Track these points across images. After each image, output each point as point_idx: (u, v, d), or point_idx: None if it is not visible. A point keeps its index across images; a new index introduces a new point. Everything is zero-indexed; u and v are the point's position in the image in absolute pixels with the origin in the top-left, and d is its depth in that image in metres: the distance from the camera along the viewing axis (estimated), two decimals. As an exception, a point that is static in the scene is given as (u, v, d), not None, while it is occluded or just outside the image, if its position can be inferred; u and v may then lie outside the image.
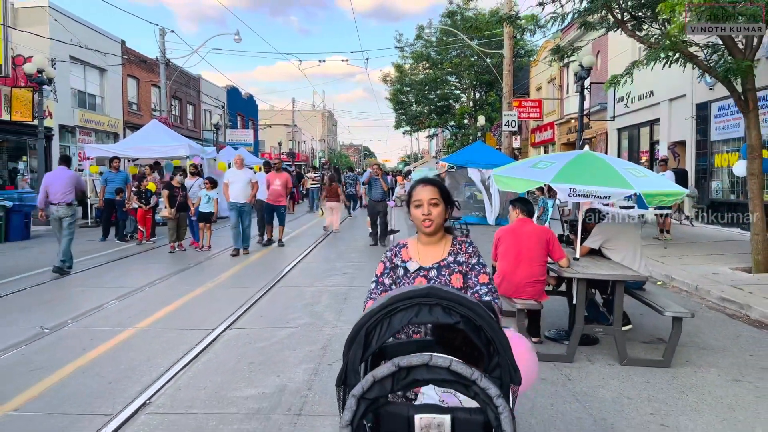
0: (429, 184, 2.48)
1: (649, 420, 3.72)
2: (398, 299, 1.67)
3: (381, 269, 2.51)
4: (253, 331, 5.63)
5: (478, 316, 1.65)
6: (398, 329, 1.67)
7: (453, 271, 2.41)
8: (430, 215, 2.41)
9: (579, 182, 4.97)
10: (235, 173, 10.94)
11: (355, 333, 1.68)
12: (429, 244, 2.49)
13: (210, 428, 3.49)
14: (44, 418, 3.63)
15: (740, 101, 8.49)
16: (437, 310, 1.65)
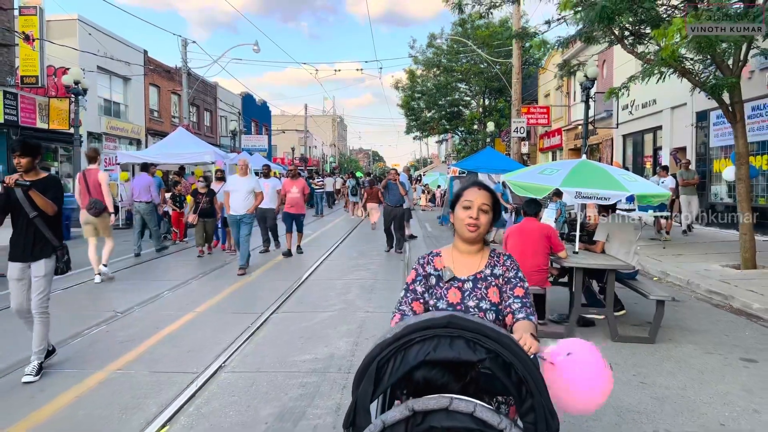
0: (484, 189, 2.32)
1: (632, 379, 4.58)
2: (414, 329, 1.53)
3: (413, 276, 2.34)
4: (297, 315, 6.56)
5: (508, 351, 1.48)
6: (413, 365, 1.50)
7: (490, 284, 2.24)
8: (478, 220, 2.24)
9: (584, 186, 5.87)
10: (237, 181, 9.59)
11: (365, 367, 1.53)
12: (466, 253, 2.32)
13: (279, 381, 4.40)
14: (146, 375, 4.55)
15: (728, 113, 9.33)
16: (459, 343, 1.50)
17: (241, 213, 9.39)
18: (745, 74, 13.47)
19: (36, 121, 19.58)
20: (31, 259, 4.53)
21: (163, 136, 28.88)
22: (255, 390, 4.24)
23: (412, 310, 2.24)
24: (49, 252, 4.58)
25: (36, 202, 4.43)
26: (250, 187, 9.51)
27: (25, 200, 4.43)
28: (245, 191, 9.41)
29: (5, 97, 18.16)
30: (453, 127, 40.28)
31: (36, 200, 4.43)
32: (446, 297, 2.22)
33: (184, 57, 25.86)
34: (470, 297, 2.21)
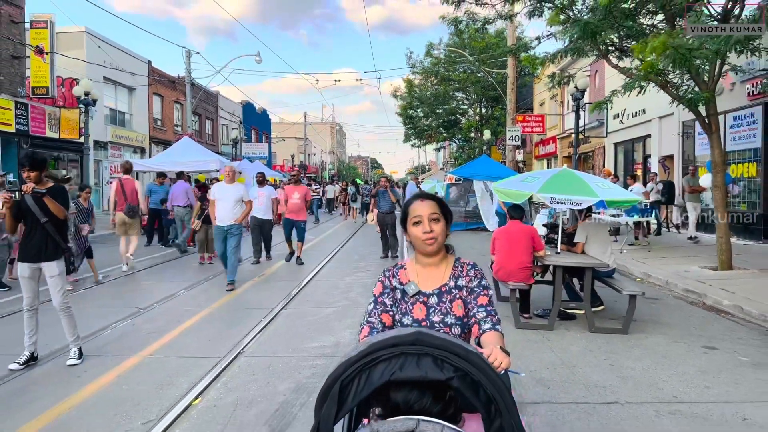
0: (427, 198, 2.29)
1: (602, 363, 5.20)
2: (380, 347, 1.48)
3: (380, 289, 2.31)
4: (304, 310, 7.19)
5: (476, 370, 1.45)
6: (378, 385, 1.46)
7: (454, 297, 2.22)
8: (432, 232, 2.20)
9: (558, 192, 6.51)
10: (223, 189, 8.80)
11: (328, 387, 1.48)
12: (429, 265, 2.30)
13: (292, 363, 5.02)
14: (175, 359, 5.17)
15: (705, 124, 9.98)
16: (426, 361, 1.45)
17: (228, 224, 8.57)
18: (727, 86, 14.18)
19: (45, 130, 20.23)
20: (44, 260, 5.05)
21: (166, 144, 29.57)
22: (272, 370, 4.86)
23: (381, 321, 2.22)
24: (59, 254, 5.14)
25: (49, 208, 5.01)
26: (237, 196, 8.73)
27: (35, 206, 4.98)
28: (233, 200, 8.65)
29: (17, 107, 18.80)
30: (450, 135, 41.02)
31: (50, 206, 5.00)
32: (411, 312, 2.21)
33: (187, 67, 26.53)
34: (435, 312, 2.19)
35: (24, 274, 5.06)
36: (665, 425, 3.85)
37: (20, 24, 19.59)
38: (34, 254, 5.04)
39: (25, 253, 5.08)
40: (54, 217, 5.05)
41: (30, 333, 5.05)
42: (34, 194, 4.97)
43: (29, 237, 5.07)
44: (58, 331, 5.34)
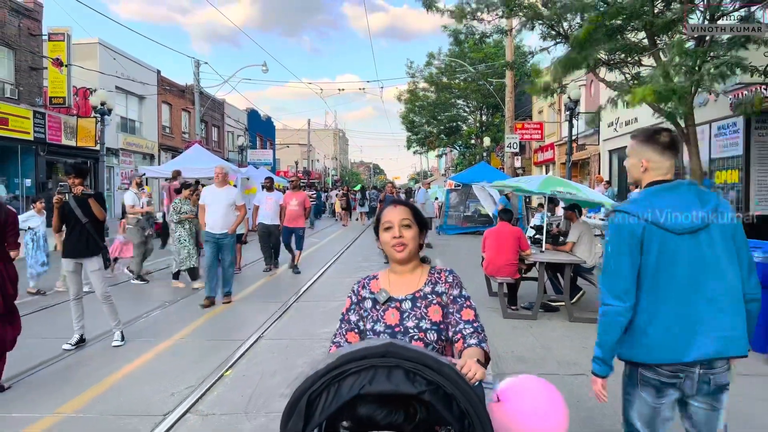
0: (400, 204, 2.26)
1: (576, 346, 5.96)
2: (349, 359, 1.44)
3: (348, 305, 2.26)
4: (314, 303, 7.98)
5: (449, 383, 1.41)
6: (347, 399, 1.42)
7: (431, 302, 2.14)
8: (402, 238, 2.16)
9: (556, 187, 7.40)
10: (214, 193, 7.97)
11: (295, 401, 1.46)
12: (402, 273, 2.22)
13: (306, 344, 5.81)
14: (204, 341, 5.98)
15: (684, 136, 10.75)
16: (398, 374, 1.42)
17: (219, 231, 7.79)
18: (711, 97, 14.93)
19: (62, 138, 21.10)
20: (84, 255, 5.79)
21: (174, 151, 30.45)
22: (289, 350, 5.65)
23: (347, 341, 2.17)
24: (98, 250, 5.92)
25: (93, 209, 5.79)
26: (230, 200, 7.93)
27: (78, 209, 5.75)
28: (225, 204, 7.84)
29: (35, 116, 19.67)
30: (451, 141, 41.85)
31: (93, 207, 5.77)
32: (383, 319, 2.12)
33: (196, 77, 27.41)
34: (409, 317, 2.10)
35: (69, 268, 5.84)
36: (620, 390, 4.61)
37: (38, 37, 20.49)
38: (77, 251, 5.79)
39: (68, 250, 5.83)
40: (94, 219, 5.83)
41: (78, 319, 5.83)
42: (80, 197, 5.75)
43: (71, 236, 5.83)
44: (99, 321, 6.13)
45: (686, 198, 2.30)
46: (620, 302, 2.27)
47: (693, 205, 2.27)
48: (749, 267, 2.34)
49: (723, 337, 2.21)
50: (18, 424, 3.91)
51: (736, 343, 2.23)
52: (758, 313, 2.37)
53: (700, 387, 2.24)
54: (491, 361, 2.19)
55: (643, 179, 2.44)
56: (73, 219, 5.75)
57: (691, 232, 2.25)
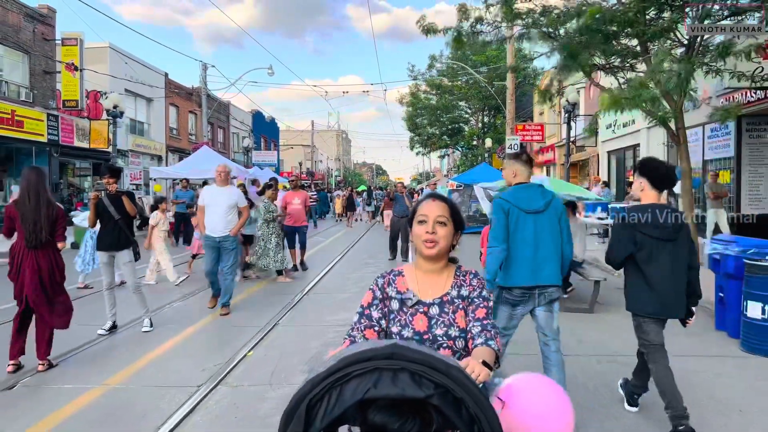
0: (439, 199, 2.18)
1: (566, 332, 6.43)
2: (352, 361, 1.36)
3: (369, 299, 2.16)
4: (325, 295, 8.57)
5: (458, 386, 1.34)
6: (351, 404, 1.33)
7: (458, 307, 2.10)
8: (435, 234, 2.09)
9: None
10: (214, 193, 7.46)
11: (294, 407, 1.36)
12: (430, 272, 2.17)
13: (319, 330, 6.37)
14: (227, 327, 6.56)
15: (674, 137, 11.28)
16: (403, 377, 1.33)
17: (220, 235, 7.21)
18: (704, 100, 15.47)
19: (74, 140, 21.70)
20: (117, 249, 6.34)
21: (181, 152, 31.05)
22: (303, 334, 6.21)
23: (364, 338, 2.08)
24: (129, 244, 6.47)
25: (125, 206, 6.34)
26: (231, 201, 7.33)
27: (111, 206, 6.29)
28: (225, 206, 7.26)
29: (48, 119, 20.27)
30: (454, 142, 42.40)
31: (126, 205, 6.33)
32: (412, 324, 2.07)
33: (203, 80, 28.00)
34: (438, 324, 2.06)
35: (103, 260, 6.40)
36: (601, 368, 5.17)
37: (51, 41, 21.09)
38: (110, 244, 6.34)
39: (102, 244, 6.39)
40: (126, 215, 6.39)
41: (110, 307, 6.38)
42: (114, 195, 6.31)
43: (105, 231, 6.38)
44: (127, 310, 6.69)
45: (534, 193, 3.95)
46: (500, 244, 3.81)
47: (537, 198, 3.91)
48: (567, 238, 3.96)
49: (547, 275, 3.85)
50: (72, 394, 4.46)
51: (553, 278, 3.89)
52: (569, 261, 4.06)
53: (539, 301, 3.98)
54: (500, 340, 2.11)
55: (513, 181, 4.08)
56: (106, 215, 6.30)
57: (534, 212, 3.86)
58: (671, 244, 3.78)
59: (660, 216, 3.76)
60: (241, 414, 4.05)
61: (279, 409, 4.07)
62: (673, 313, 3.97)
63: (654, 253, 3.79)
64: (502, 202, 3.91)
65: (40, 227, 4.99)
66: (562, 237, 3.91)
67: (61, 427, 3.89)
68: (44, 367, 5.02)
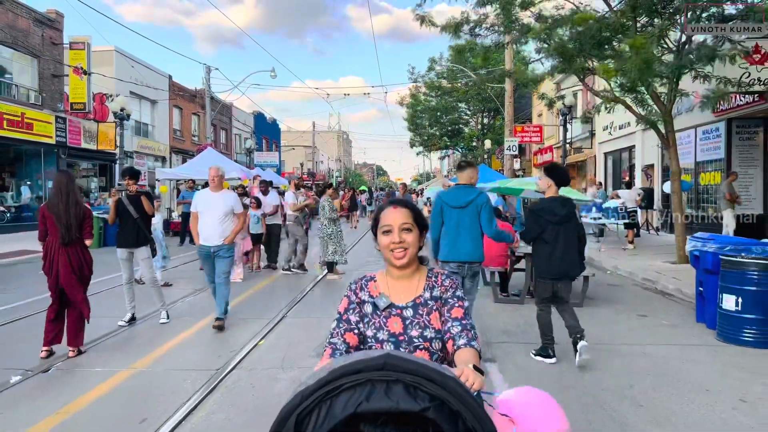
0: (400, 205, 2.17)
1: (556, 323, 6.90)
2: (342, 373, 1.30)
3: (345, 305, 2.18)
4: (328, 290, 9.06)
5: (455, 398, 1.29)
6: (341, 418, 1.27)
7: (431, 309, 2.11)
8: (403, 243, 2.08)
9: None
10: (208, 198, 6.78)
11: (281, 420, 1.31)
12: (401, 278, 2.17)
13: (325, 321, 6.77)
14: (237, 320, 7.02)
15: (664, 140, 11.74)
16: (397, 389, 1.28)
17: (215, 244, 6.61)
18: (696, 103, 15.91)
19: (81, 142, 22.19)
20: (135, 246, 6.80)
21: (185, 153, 31.52)
22: (310, 326, 6.68)
23: (345, 341, 2.09)
24: (146, 241, 6.92)
25: (144, 206, 6.80)
26: (227, 207, 6.72)
27: (130, 206, 6.76)
28: (221, 212, 6.65)
29: (56, 121, 20.76)
30: (454, 143, 42.88)
31: (144, 204, 6.79)
32: (386, 326, 2.09)
33: (207, 83, 28.44)
34: (413, 326, 2.07)
35: (122, 257, 6.85)
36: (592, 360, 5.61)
37: (59, 45, 21.57)
38: (129, 242, 6.81)
39: (121, 241, 6.85)
40: (144, 214, 6.84)
41: (129, 300, 6.84)
42: (133, 195, 6.77)
43: (124, 229, 6.84)
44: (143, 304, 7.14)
45: (461, 192, 5.36)
46: (435, 234, 5.36)
47: (462, 196, 5.31)
48: (487, 224, 5.30)
49: (465, 252, 5.28)
50: (102, 376, 4.92)
51: (472, 255, 5.32)
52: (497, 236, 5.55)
53: (467, 273, 5.35)
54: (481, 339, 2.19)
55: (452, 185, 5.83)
56: (126, 214, 6.76)
57: (458, 207, 5.28)
58: (564, 226, 5.32)
59: (556, 206, 5.33)
60: (257, 392, 4.52)
61: (290, 387, 4.53)
62: (566, 275, 5.44)
63: (553, 232, 5.29)
64: (437, 199, 5.52)
65: (70, 225, 5.44)
66: (480, 224, 5.29)
67: (98, 402, 4.35)
68: (74, 354, 5.48)
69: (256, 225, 11.13)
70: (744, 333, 6.02)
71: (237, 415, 4.07)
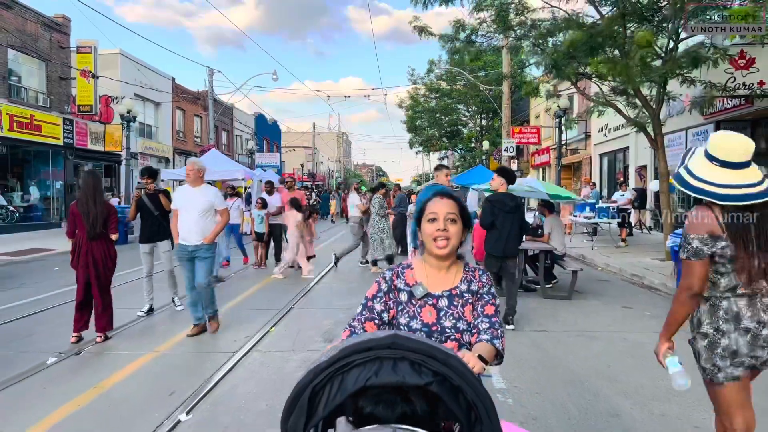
0: (447, 197, 2.19)
1: (546, 314, 7.46)
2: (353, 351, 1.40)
3: (374, 291, 2.17)
4: (333, 284, 9.59)
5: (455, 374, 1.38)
6: (352, 392, 1.37)
7: (467, 301, 2.12)
8: (447, 232, 2.10)
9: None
10: (187, 194, 6.34)
11: (296, 396, 1.39)
12: (439, 269, 2.18)
13: (330, 311, 7.36)
14: (249, 310, 7.54)
15: (652, 142, 12.25)
16: (404, 366, 1.38)
17: (193, 243, 6.17)
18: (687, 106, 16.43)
19: (87, 143, 22.68)
20: (157, 239, 7.32)
21: (187, 154, 31.99)
22: (316, 315, 7.19)
23: (363, 329, 2.11)
24: (167, 236, 7.42)
25: (162, 203, 7.31)
26: (206, 203, 6.25)
27: (150, 204, 7.28)
28: (200, 209, 6.19)
29: (64, 123, 21.25)
30: (452, 144, 43.39)
31: (163, 201, 7.30)
32: (420, 316, 2.11)
33: (210, 85, 28.93)
34: (446, 316, 2.10)
35: (144, 250, 7.37)
36: (571, 341, 6.12)
37: (66, 49, 22.07)
38: (150, 236, 7.33)
39: (143, 236, 7.39)
40: (163, 210, 7.34)
41: (148, 292, 7.34)
42: (152, 193, 7.28)
43: (145, 225, 7.37)
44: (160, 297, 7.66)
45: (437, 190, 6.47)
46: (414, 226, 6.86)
47: None
48: None
49: None
50: (130, 358, 5.42)
51: None
52: None
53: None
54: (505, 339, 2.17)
55: None
56: (146, 211, 7.27)
57: None
58: (512, 215, 6.72)
59: (506, 199, 6.79)
60: (272, 370, 5.03)
61: (302, 366, 5.07)
62: (510, 254, 6.84)
63: (503, 220, 6.67)
64: (421, 196, 6.09)
65: (96, 222, 5.94)
66: None
67: (129, 378, 4.86)
68: (101, 339, 5.98)
69: (260, 225, 11.56)
70: (718, 321, 6.52)
71: (256, 387, 4.58)
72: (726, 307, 2.53)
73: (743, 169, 2.46)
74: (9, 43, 18.91)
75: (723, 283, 2.52)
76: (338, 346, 1.44)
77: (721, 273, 2.51)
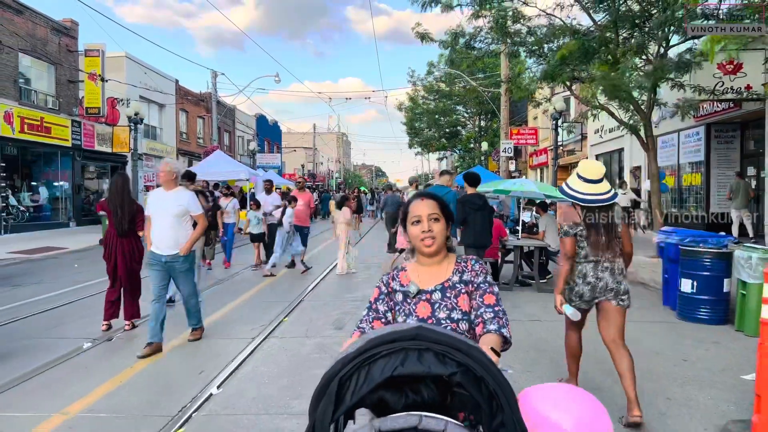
0: (427, 197, 2.28)
1: (538, 305, 7.98)
2: (379, 342, 1.44)
3: (376, 294, 2.30)
4: (339, 279, 10.06)
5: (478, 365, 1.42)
6: (379, 381, 1.41)
7: (459, 292, 2.19)
8: (431, 232, 2.20)
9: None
10: (159, 199, 5.85)
11: (324, 385, 1.43)
12: (430, 265, 2.28)
13: (337, 304, 7.87)
14: (261, 303, 8.05)
15: (644, 144, 12.76)
16: (428, 356, 1.41)
17: (167, 252, 5.67)
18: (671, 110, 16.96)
19: (95, 145, 23.18)
20: None
21: (191, 155, 32.51)
22: (324, 308, 7.71)
23: (372, 328, 2.23)
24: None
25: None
26: (179, 208, 5.74)
27: None
28: (173, 214, 5.70)
29: (72, 125, 21.74)
30: (451, 145, 43.90)
31: (201, 201, 7.82)
32: (415, 312, 2.21)
33: (214, 87, 29.44)
34: (440, 308, 2.18)
35: None
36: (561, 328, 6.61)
37: (74, 52, 22.56)
38: None
39: None
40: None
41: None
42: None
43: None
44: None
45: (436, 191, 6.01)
46: None
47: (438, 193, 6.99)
48: None
49: None
50: (158, 343, 5.94)
51: None
52: None
53: None
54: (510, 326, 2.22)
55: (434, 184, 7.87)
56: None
57: None
58: (480, 212, 7.83)
59: (475, 199, 7.90)
60: (289, 353, 5.55)
61: (315, 350, 5.60)
62: (481, 244, 7.82)
63: (473, 216, 7.72)
64: None
65: (124, 220, 6.45)
66: None
67: (161, 360, 5.38)
68: (129, 327, 6.50)
69: (256, 226, 11.49)
70: (699, 311, 7.05)
71: (276, 367, 5.10)
72: (580, 269, 4.11)
73: (597, 184, 3.97)
74: (20, 47, 19.40)
75: (582, 254, 4.07)
76: (364, 337, 1.47)
77: (581, 247, 4.06)
